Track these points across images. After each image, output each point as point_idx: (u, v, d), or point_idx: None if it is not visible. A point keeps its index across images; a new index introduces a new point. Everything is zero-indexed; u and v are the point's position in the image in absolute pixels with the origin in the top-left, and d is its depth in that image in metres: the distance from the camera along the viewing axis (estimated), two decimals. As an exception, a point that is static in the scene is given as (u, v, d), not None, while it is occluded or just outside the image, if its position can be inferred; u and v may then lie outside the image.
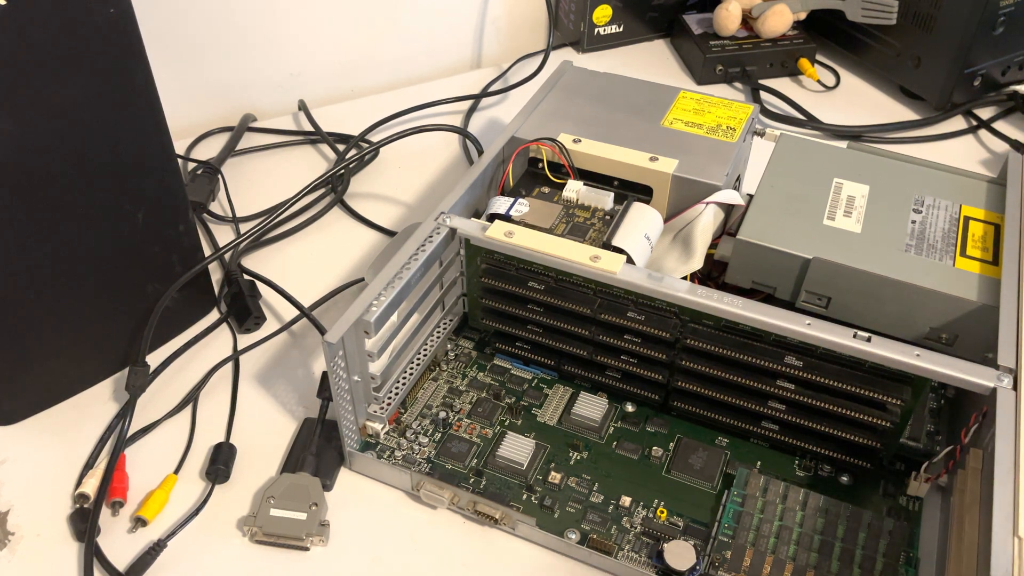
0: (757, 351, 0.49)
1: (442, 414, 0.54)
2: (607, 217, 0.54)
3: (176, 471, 0.52)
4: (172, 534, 0.48)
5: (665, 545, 0.46)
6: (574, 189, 0.56)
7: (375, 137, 0.82)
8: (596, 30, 0.94)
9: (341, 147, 0.80)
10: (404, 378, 0.55)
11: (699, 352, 0.50)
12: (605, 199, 0.55)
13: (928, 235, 0.51)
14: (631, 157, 0.56)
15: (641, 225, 0.53)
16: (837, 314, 0.51)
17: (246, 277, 0.64)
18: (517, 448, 0.52)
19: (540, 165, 0.58)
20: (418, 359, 0.56)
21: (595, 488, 0.51)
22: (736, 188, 0.59)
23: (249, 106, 0.86)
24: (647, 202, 0.56)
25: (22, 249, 0.49)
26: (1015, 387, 0.43)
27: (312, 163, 0.79)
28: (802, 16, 0.90)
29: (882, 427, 0.48)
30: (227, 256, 0.67)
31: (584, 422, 0.54)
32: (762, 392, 0.50)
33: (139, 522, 0.49)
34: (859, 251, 0.50)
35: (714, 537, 0.48)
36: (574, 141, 0.58)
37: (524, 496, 0.50)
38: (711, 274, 0.57)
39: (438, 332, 0.58)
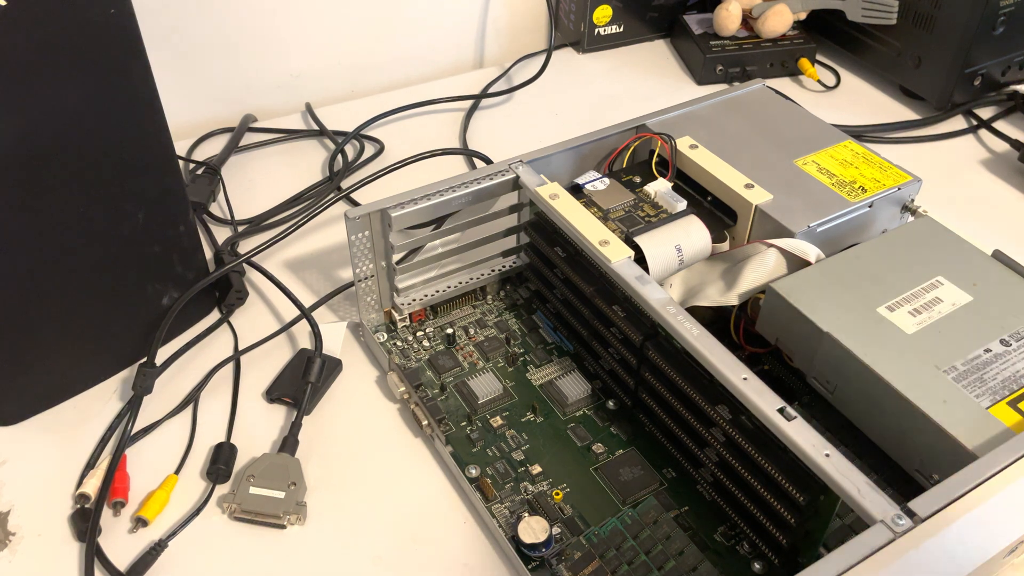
0: (700, 387, 0.45)
1: (451, 331, 0.58)
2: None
3: (177, 471, 0.52)
4: (173, 534, 0.49)
5: (527, 515, 0.46)
6: (655, 187, 0.56)
7: (374, 132, 0.82)
8: (596, 30, 0.94)
9: (354, 144, 0.80)
10: (439, 289, 0.59)
11: (656, 368, 0.48)
12: (677, 205, 0.54)
13: (991, 370, 0.43)
14: (729, 178, 0.55)
15: (677, 236, 0.52)
16: (840, 406, 0.47)
17: (240, 262, 0.64)
18: (486, 385, 0.55)
19: (655, 157, 0.59)
20: (461, 282, 0.60)
21: (522, 447, 0.52)
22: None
23: (250, 107, 0.86)
24: (729, 226, 0.55)
25: (21, 249, 0.49)
26: (903, 535, 0.35)
27: (313, 164, 0.79)
28: (802, 16, 0.90)
29: (788, 522, 0.42)
30: (219, 242, 0.69)
31: (558, 394, 0.55)
32: (699, 435, 0.47)
33: (140, 522, 0.49)
34: (885, 349, 0.44)
35: (580, 535, 0.47)
36: (691, 146, 0.57)
37: (463, 423, 0.53)
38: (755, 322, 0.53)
39: (494, 268, 0.61)
